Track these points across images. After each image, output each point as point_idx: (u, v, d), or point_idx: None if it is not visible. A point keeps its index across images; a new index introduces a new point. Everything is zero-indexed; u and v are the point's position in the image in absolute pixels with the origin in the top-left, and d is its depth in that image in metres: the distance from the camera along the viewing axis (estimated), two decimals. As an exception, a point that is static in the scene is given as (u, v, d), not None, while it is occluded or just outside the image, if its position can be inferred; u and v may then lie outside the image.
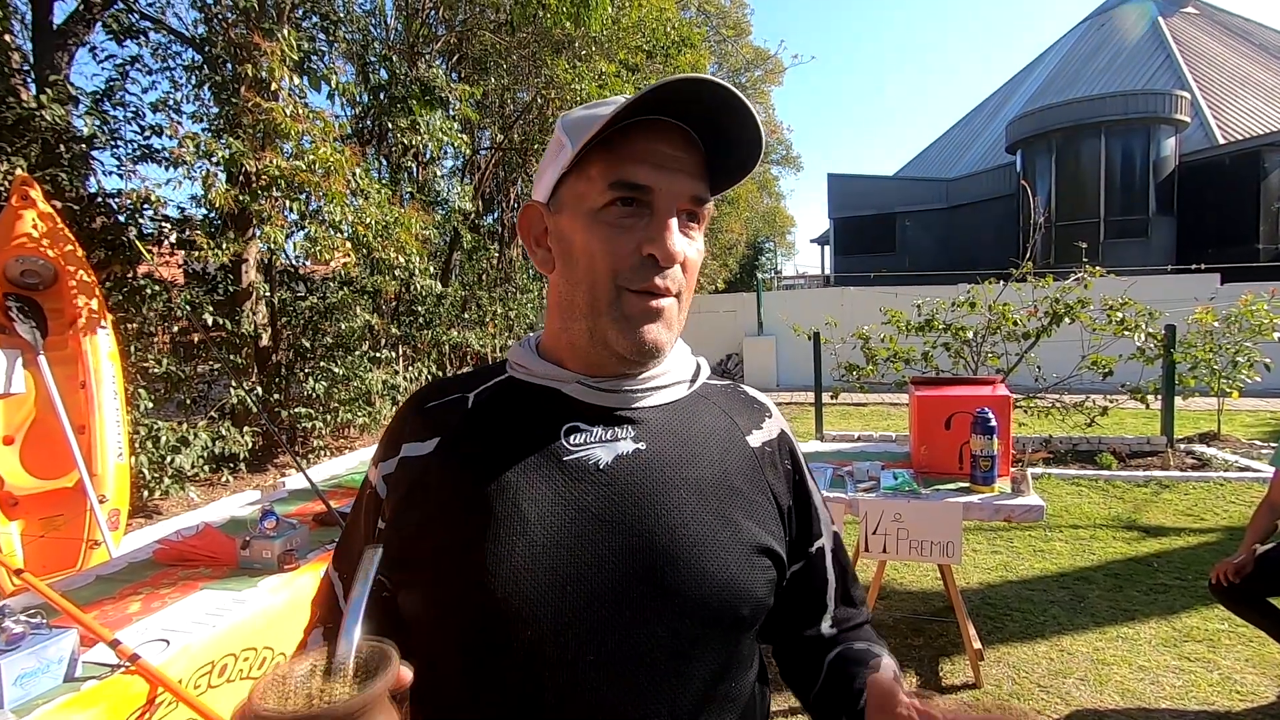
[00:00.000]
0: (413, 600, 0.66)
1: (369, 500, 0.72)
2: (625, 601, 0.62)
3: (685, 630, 0.63)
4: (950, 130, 28.55)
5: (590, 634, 0.61)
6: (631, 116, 0.62)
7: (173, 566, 2.02)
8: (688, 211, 0.66)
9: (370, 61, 7.80)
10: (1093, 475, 5.43)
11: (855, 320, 6.29)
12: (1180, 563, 3.76)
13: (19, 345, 3.37)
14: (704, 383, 0.78)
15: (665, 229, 0.63)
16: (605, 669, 0.61)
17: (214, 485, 6.01)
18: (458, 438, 0.69)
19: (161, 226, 5.42)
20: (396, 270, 6.41)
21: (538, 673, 0.60)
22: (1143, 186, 15.55)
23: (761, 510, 0.70)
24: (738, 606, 0.65)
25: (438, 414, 0.71)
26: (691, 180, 0.65)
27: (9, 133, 4.36)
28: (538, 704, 0.61)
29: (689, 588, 0.63)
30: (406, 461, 0.69)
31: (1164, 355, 5.69)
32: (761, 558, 0.68)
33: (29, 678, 1.36)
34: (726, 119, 0.64)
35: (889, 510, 2.60)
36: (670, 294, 0.65)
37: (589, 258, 0.65)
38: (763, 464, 0.73)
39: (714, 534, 0.65)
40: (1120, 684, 2.66)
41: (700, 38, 10.97)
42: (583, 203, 0.65)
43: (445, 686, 0.65)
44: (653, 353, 0.66)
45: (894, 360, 5.83)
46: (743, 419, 0.76)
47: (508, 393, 0.72)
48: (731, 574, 0.65)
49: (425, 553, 0.65)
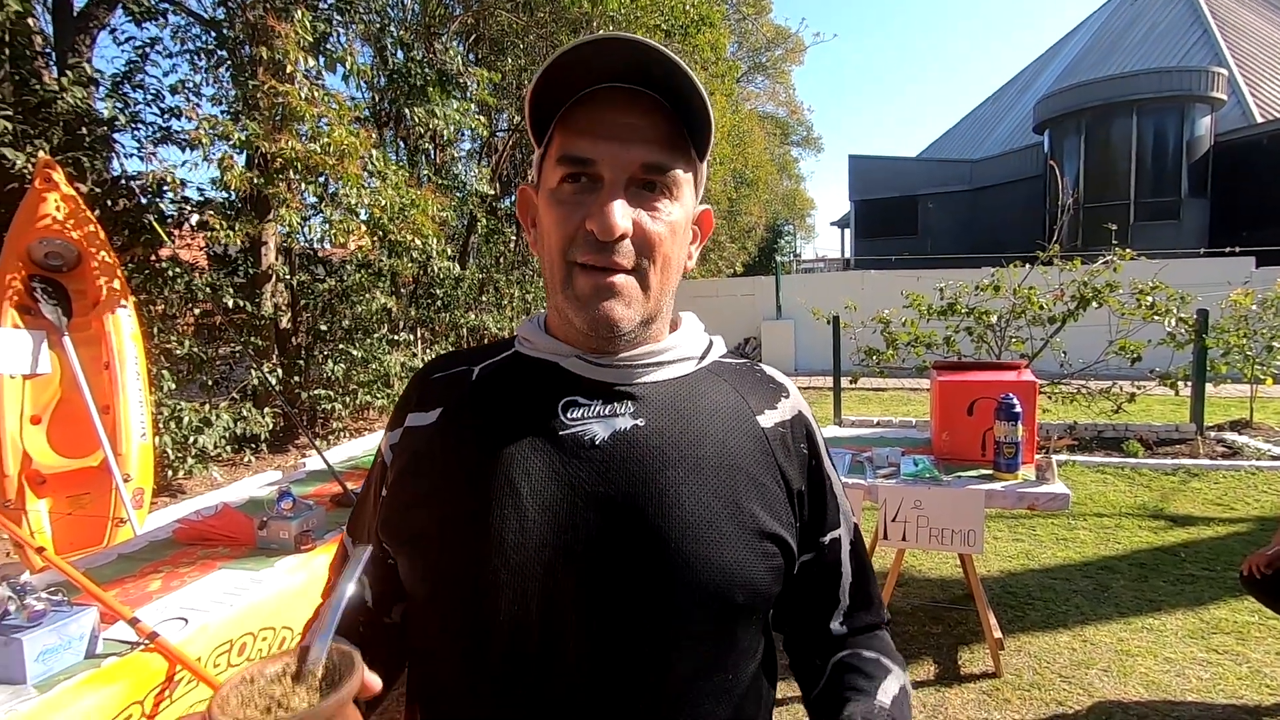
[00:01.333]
0: (406, 570, 0.67)
1: (378, 469, 0.74)
2: (614, 581, 0.60)
3: (675, 614, 0.61)
4: (975, 110, 27.94)
5: (576, 612, 0.60)
6: (584, 88, 0.61)
7: (192, 546, 2.04)
8: (643, 181, 0.62)
9: (387, 42, 7.77)
10: (1119, 463, 5.32)
11: (875, 304, 6.19)
12: (1209, 553, 3.68)
13: (44, 326, 3.42)
14: (716, 360, 0.75)
15: (604, 202, 0.60)
16: (591, 649, 0.60)
17: (236, 465, 6.10)
18: (460, 409, 0.69)
19: (182, 209, 5.47)
20: (414, 253, 6.42)
21: (522, 649, 0.60)
22: (1175, 167, 15.11)
23: (768, 493, 0.67)
24: (732, 593, 0.62)
25: (442, 385, 0.72)
26: (646, 147, 0.62)
27: (32, 116, 4.40)
28: (521, 681, 0.61)
29: (681, 570, 0.60)
30: (410, 431, 0.70)
31: (1195, 340, 5.54)
32: (764, 543, 0.65)
33: (51, 654, 1.38)
34: (678, 78, 0.60)
35: (909, 497, 2.56)
36: (622, 269, 0.62)
37: (547, 236, 0.65)
38: (773, 445, 0.69)
39: (712, 516, 0.62)
40: (1145, 676, 2.61)
41: (720, 16, 10.79)
42: (546, 182, 0.65)
43: (436, 658, 0.66)
44: (608, 328, 0.63)
45: (915, 345, 5.73)
46: (755, 398, 0.72)
47: (512, 367, 0.71)
48: (728, 559, 0.62)
49: (420, 522, 0.65)
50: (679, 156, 0.64)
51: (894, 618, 0.81)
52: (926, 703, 2.51)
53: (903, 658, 0.75)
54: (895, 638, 0.83)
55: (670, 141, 0.63)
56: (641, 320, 0.65)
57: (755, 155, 18.30)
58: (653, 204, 0.63)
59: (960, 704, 2.48)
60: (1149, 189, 15.29)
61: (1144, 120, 15.13)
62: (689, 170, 0.66)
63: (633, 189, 0.62)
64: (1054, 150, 16.62)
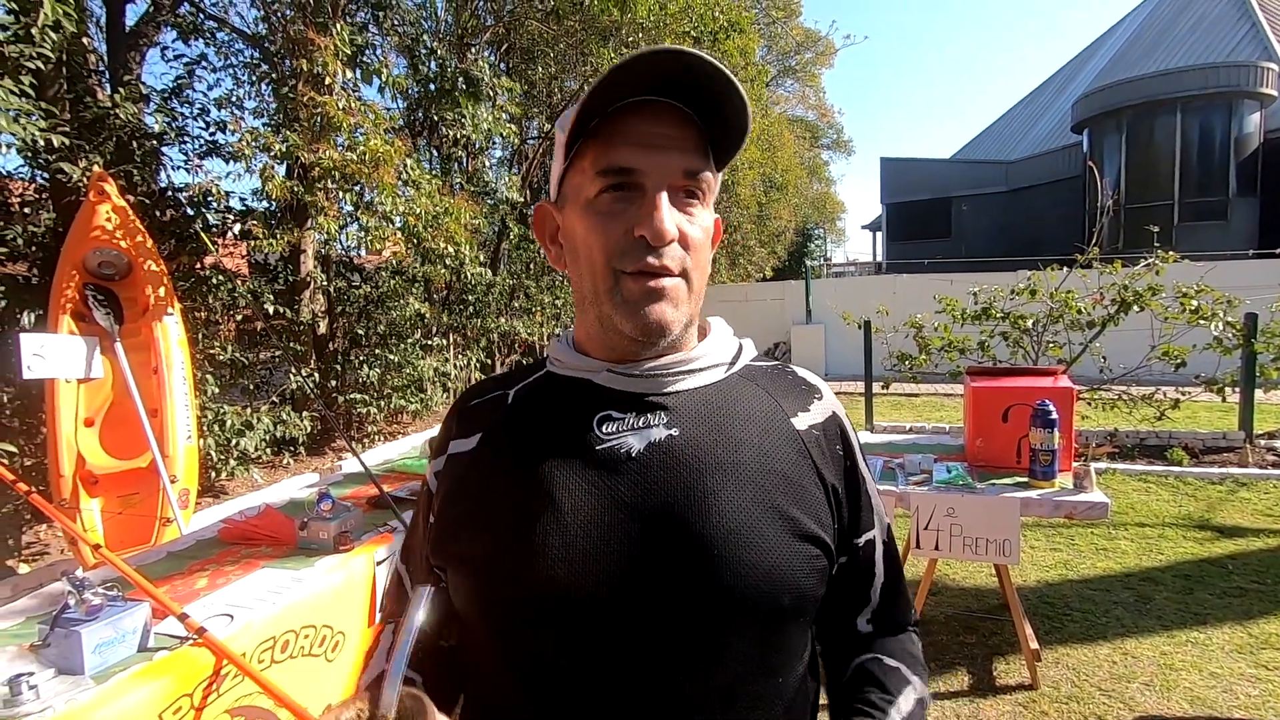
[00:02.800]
0: (456, 592, 0.68)
1: (424, 498, 0.77)
2: (658, 591, 0.61)
3: (720, 620, 0.61)
4: (1011, 110, 27.33)
5: (623, 624, 0.61)
6: (615, 102, 0.62)
7: (236, 545, 2.11)
8: (683, 188, 0.65)
9: (420, 53, 7.93)
10: (1162, 471, 5.16)
11: (908, 308, 6.10)
12: (1258, 565, 3.55)
13: (97, 333, 3.57)
14: (747, 364, 0.75)
15: (654, 208, 0.62)
16: (637, 659, 0.61)
17: (275, 467, 6.27)
18: (498, 433, 0.71)
19: (225, 218, 5.65)
20: (446, 259, 6.53)
21: (569, 663, 0.62)
22: (1222, 166, 14.60)
23: (807, 495, 0.67)
24: (777, 595, 0.62)
25: (480, 411, 0.75)
26: (683, 155, 0.64)
27: (87, 131, 4.60)
28: (569, 693, 0.62)
29: (725, 576, 0.61)
30: (453, 458, 0.73)
31: (1244, 345, 5.35)
32: (806, 545, 0.65)
33: (106, 647, 1.44)
34: (716, 88, 0.62)
35: (941, 504, 2.53)
36: (671, 273, 0.64)
37: (588, 248, 0.66)
38: (810, 447, 0.70)
39: (753, 520, 0.63)
40: (1189, 690, 2.53)
41: (749, 21, 10.77)
42: (580, 194, 0.66)
43: (488, 676, 0.67)
44: (659, 332, 0.65)
45: (948, 350, 5.64)
46: (788, 401, 0.73)
47: (545, 387, 0.73)
48: (772, 562, 0.62)
49: (466, 544, 0.67)
50: (709, 162, 0.66)
51: (926, 626, 0.80)
52: (960, 713, 2.47)
53: (924, 664, 0.75)
54: (927, 647, 0.83)
55: (703, 148, 0.65)
56: (685, 322, 0.67)
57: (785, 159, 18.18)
58: (689, 209, 0.66)
59: (995, 715, 2.44)
60: (1194, 189, 14.78)
61: (1189, 118, 14.64)
62: (713, 178, 0.68)
63: (674, 195, 0.64)
64: (1093, 150, 16.18)
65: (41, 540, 4.55)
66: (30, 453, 4.33)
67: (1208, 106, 14.50)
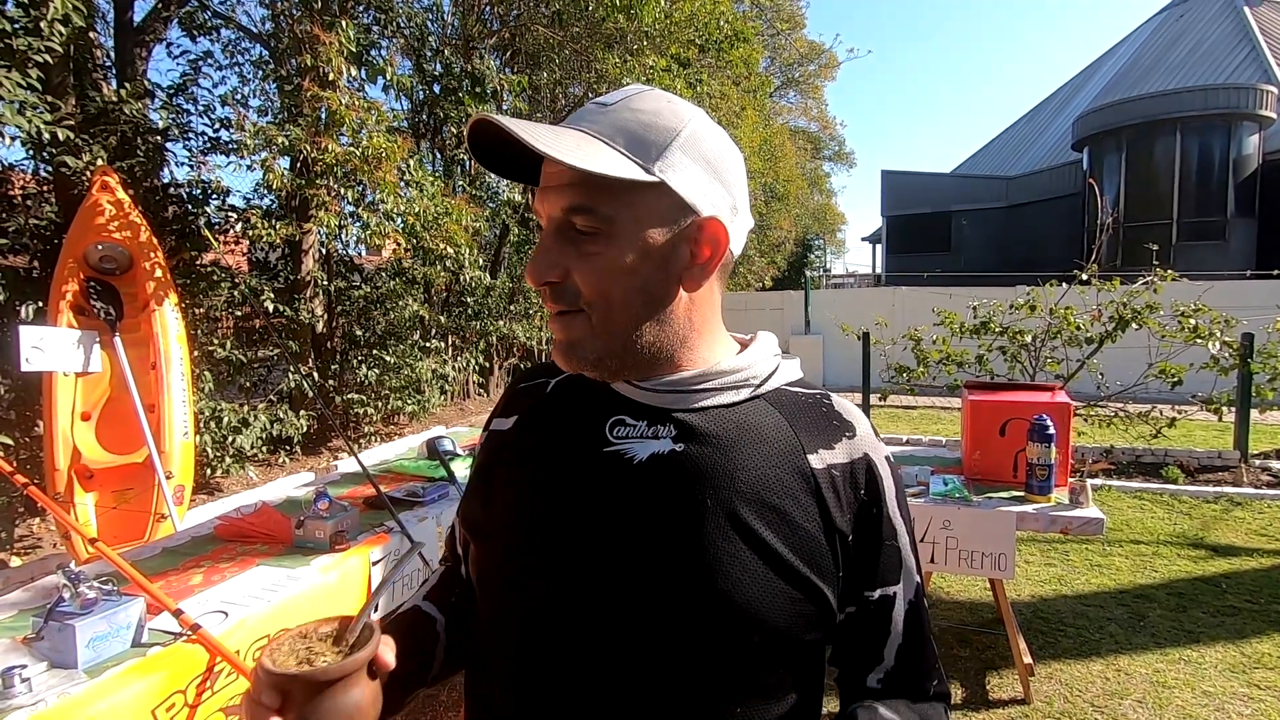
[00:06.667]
0: (471, 557, 0.76)
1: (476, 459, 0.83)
2: (631, 607, 0.62)
3: (686, 648, 0.60)
4: (1012, 126, 27.50)
5: (590, 634, 0.63)
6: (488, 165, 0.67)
7: (232, 542, 2.11)
8: (571, 225, 0.62)
9: (426, 55, 7.96)
10: (1157, 489, 5.17)
11: (907, 321, 6.13)
12: (1252, 584, 3.55)
13: (97, 327, 3.57)
14: (779, 388, 0.70)
15: (535, 252, 0.65)
16: (600, 673, 0.63)
17: (271, 466, 6.25)
18: (529, 420, 0.75)
19: (227, 215, 5.65)
20: (446, 261, 6.53)
21: (543, 653, 0.65)
22: (1221, 186, 14.68)
23: (802, 535, 0.63)
24: (747, 633, 0.60)
25: (523, 395, 0.79)
26: (560, 193, 0.62)
27: (92, 125, 4.60)
28: (538, 682, 0.65)
29: (695, 604, 0.60)
30: (493, 434, 0.79)
31: (1240, 365, 5.37)
32: (790, 587, 0.62)
33: (100, 641, 1.43)
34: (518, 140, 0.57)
35: (937, 517, 2.53)
36: (559, 310, 0.65)
37: None
38: (821, 487, 0.65)
39: (735, 552, 0.61)
40: (1182, 708, 2.53)
41: (754, 32, 10.83)
42: None
43: (480, 644, 0.74)
44: (568, 362, 0.67)
45: (946, 363, 5.65)
46: (810, 436, 0.67)
47: (580, 383, 0.74)
48: (746, 598, 0.60)
49: (481, 518, 0.74)
50: (610, 194, 0.60)
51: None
52: (953, 727, 2.46)
53: None
54: None
55: (596, 180, 0.59)
56: (599, 356, 0.65)
57: (786, 169, 18.26)
58: (584, 246, 0.62)
59: (988, 730, 2.44)
60: (1193, 208, 14.86)
61: (1188, 138, 14.74)
62: (632, 199, 0.61)
63: (567, 233, 0.63)
64: (1093, 168, 16.27)
65: (34, 534, 4.53)
66: (26, 446, 4.31)
67: (1207, 127, 14.59)
